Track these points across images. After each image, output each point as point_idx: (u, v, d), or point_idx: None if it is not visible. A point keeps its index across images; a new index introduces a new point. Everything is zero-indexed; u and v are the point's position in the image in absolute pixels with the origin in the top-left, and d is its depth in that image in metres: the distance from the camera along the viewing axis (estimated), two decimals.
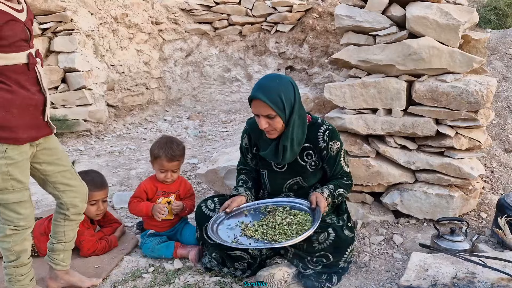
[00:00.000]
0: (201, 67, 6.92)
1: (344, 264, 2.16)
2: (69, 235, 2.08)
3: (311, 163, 2.25)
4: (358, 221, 2.71)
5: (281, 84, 2.07)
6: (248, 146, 2.37)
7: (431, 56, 2.47)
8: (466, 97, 2.44)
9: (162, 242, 2.46)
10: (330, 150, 2.20)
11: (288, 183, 2.30)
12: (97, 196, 2.39)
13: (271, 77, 2.15)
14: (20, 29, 1.73)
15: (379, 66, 2.64)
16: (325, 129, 2.21)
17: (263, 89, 2.04)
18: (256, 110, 2.07)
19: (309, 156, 2.24)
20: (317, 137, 2.20)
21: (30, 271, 1.96)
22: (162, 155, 2.41)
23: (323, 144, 2.19)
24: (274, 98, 2.02)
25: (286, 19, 6.59)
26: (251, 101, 2.09)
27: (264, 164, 2.33)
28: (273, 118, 2.06)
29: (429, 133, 2.57)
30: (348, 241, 2.14)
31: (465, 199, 2.65)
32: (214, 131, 5.59)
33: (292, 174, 2.28)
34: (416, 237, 2.53)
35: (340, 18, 2.71)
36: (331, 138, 2.20)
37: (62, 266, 2.10)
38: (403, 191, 2.69)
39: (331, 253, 2.09)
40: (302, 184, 2.29)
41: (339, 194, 2.24)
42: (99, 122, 5.15)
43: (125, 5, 5.83)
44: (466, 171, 2.55)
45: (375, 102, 2.64)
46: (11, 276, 1.91)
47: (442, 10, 2.48)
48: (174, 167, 2.46)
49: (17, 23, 1.72)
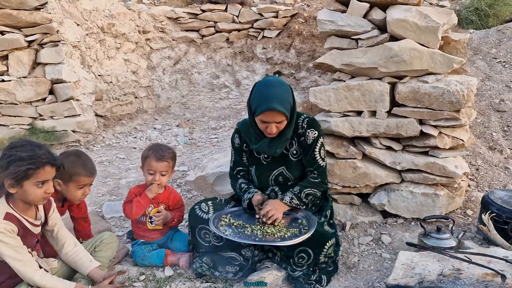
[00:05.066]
0: (190, 74, 6.94)
1: (324, 259, 2.16)
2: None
3: (293, 152, 2.32)
4: (347, 222, 2.74)
5: (287, 89, 2.19)
6: (240, 144, 2.42)
7: (412, 58, 2.52)
8: (447, 97, 2.50)
9: (153, 250, 2.46)
10: (307, 138, 2.28)
11: (273, 174, 2.35)
12: (87, 181, 2.28)
13: (276, 84, 2.19)
14: (32, 241, 1.96)
15: (362, 69, 2.68)
16: (305, 117, 2.32)
17: (278, 99, 2.11)
18: (270, 118, 2.13)
19: (290, 145, 2.32)
20: (297, 124, 2.29)
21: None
22: (151, 155, 2.42)
23: (301, 131, 2.29)
24: (286, 105, 2.14)
25: (273, 25, 6.64)
26: (261, 111, 2.11)
27: (253, 159, 2.40)
28: (281, 122, 2.15)
29: (413, 133, 2.61)
30: (328, 236, 2.16)
31: (450, 197, 2.69)
32: (204, 138, 5.61)
33: (277, 164, 2.34)
34: (404, 236, 2.57)
35: (323, 23, 2.76)
36: (309, 126, 2.29)
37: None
38: (390, 192, 2.72)
39: (310, 248, 2.11)
40: (286, 174, 2.34)
41: (307, 194, 2.28)
42: (88, 132, 5.13)
43: (111, 15, 5.84)
44: (450, 169, 2.59)
45: (360, 105, 2.69)
46: None
47: (421, 13, 2.54)
48: (162, 168, 2.43)
49: (31, 236, 1.95)
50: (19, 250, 1.84)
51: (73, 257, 2.10)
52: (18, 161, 1.79)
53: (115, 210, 3.17)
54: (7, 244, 1.81)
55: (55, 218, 2.10)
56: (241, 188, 2.40)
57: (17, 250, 1.83)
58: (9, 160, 1.79)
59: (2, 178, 1.80)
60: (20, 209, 1.90)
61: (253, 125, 2.26)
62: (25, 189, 1.83)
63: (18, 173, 1.79)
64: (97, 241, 2.26)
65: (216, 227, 2.14)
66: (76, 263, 2.11)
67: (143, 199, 2.42)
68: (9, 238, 1.81)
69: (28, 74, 4.87)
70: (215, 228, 2.12)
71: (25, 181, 1.82)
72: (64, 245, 2.11)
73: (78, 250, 2.12)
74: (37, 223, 1.97)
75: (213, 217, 2.22)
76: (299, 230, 2.14)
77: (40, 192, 1.86)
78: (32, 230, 1.94)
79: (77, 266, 2.11)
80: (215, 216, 2.24)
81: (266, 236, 2.10)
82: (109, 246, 2.27)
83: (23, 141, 1.91)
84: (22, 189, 1.83)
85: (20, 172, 1.79)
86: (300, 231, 2.13)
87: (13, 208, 1.87)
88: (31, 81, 4.83)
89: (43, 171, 1.84)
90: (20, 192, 1.84)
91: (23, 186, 1.82)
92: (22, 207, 1.91)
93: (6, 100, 4.85)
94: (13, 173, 1.78)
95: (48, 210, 2.06)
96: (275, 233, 2.10)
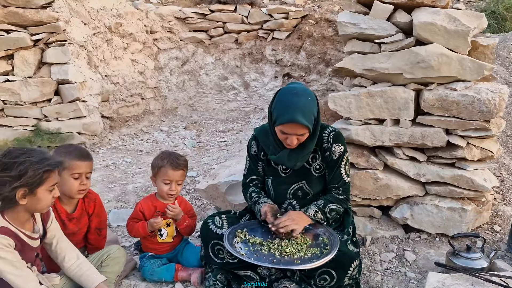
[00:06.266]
0: (197, 75, 6.82)
1: (349, 281, 2.03)
2: None
3: (316, 166, 2.18)
4: (367, 236, 2.59)
5: (312, 99, 2.01)
6: (257, 152, 2.28)
7: (440, 63, 2.37)
8: (477, 106, 2.34)
9: (162, 264, 2.32)
10: (332, 153, 2.13)
11: (292, 188, 2.20)
12: (82, 167, 2.06)
13: (301, 93, 2.00)
14: (31, 256, 1.83)
15: (385, 75, 2.53)
16: (330, 130, 2.16)
17: (302, 110, 1.94)
18: (292, 130, 1.97)
19: (313, 159, 2.17)
20: (322, 138, 2.14)
21: None
22: (166, 164, 2.29)
23: (327, 145, 2.14)
24: (310, 117, 1.97)
25: (283, 26, 6.50)
26: (282, 121, 1.96)
27: (270, 170, 2.25)
28: (303, 135, 2.00)
29: (440, 143, 2.46)
30: (352, 256, 2.01)
31: (478, 212, 2.54)
32: (212, 141, 5.47)
33: (297, 178, 2.19)
34: (429, 253, 2.41)
35: (344, 26, 2.61)
36: (335, 140, 2.14)
37: None
38: (414, 205, 2.57)
39: (333, 269, 1.96)
40: (306, 189, 2.19)
41: (331, 209, 2.14)
42: (93, 134, 5.01)
43: (119, 15, 5.71)
44: (479, 183, 2.44)
45: (382, 112, 2.54)
46: None
47: (451, 16, 2.38)
48: (179, 176, 2.32)
49: (30, 251, 1.81)
50: (18, 265, 1.70)
51: (76, 272, 1.96)
52: (34, 166, 1.67)
53: (122, 219, 3.02)
54: (5, 260, 1.66)
55: (54, 230, 1.95)
56: (251, 197, 2.26)
57: (16, 265, 1.69)
58: (22, 168, 1.65)
59: (13, 189, 1.65)
60: (17, 223, 1.75)
61: (273, 134, 2.11)
62: (38, 197, 1.71)
63: (35, 178, 1.67)
64: (103, 255, 2.12)
65: (231, 244, 1.99)
66: (80, 278, 1.96)
67: (143, 229, 2.29)
68: (5, 252, 1.67)
69: (33, 74, 4.76)
70: (230, 246, 1.96)
71: (39, 187, 1.70)
72: (65, 258, 1.97)
73: (81, 264, 1.98)
74: (35, 236, 1.83)
75: (227, 232, 2.07)
76: (320, 250, 1.99)
77: (50, 197, 1.76)
78: (30, 243, 1.80)
79: (81, 282, 1.96)
80: (230, 231, 2.09)
81: (284, 256, 1.94)
82: (116, 260, 2.13)
83: (19, 148, 1.76)
84: (35, 197, 1.71)
85: (37, 177, 1.68)
86: (322, 251, 1.98)
87: (9, 222, 1.73)
88: (37, 81, 4.71)
89: (54, 175, 1.75)
90: (30, 202, 1.71)
91: (36, 193, 1.70)
92: (20, 219, 1.76)
93: (11, 100, 4.74)
94: (31, 179, 1.66)
95: (46, 221, 1.92)
96: (294, 253, 1.94)
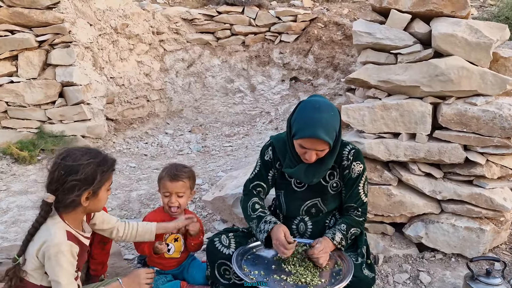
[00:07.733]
0: (203, 78, 6.72)
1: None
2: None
3: (333, 184, 2.08)
4: (380, 255, 2.49)
5: (335, 115, 1.91)
6: (272, 160, 2.16)
7: (461, 77, 2.26)
8: (499, 122, 2.24)
9: (167, 281, 2.24)
10: (352, 171, 2.04)
11: (306, 204, 2.10)
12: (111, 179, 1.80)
13: (324, 108, 1.89)
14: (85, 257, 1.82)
15: (401, 87, 2.43)
16: (350, 148, 2.06)
17: (324, 126, 1.83)
18: (311, 146, 1.86)
19: (331, 176, 2.07)
20: (342, 155, 2.04)
21: None
22: (165, 175, 2.24)
23: (346, 163, 2.04)
24: (332, 134, 1.86)
25: (291, 29, 6.40)
26: (303, 136, 1.85)
27: (283, 183, 2.14)
28: (323, 151, 1.90)
29: (457, 160, 2.36)
30: (368, 283, 1.91)
31: (496, 232, 2.44)
32: (218, 145, 5.38)
33: (312, 194, 2.09)
34: (445, 275, 2.31)
35: (359, 35, 2.51)
36: (355, 158, 2.04)
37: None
38: (429, 223, 2.47)
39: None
40: (320, 207, 2.09)
41: (352, 234, 2.05)
42: (98, 137, 4.94)
43: (125, 15, 5.63)
44: (498, 202, 2.34)
45: (397, 126, 2.44)
46: None
47: (472, 27, 2.28)
48: (178, 188, 2.22)
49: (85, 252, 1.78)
50: (72, 280, 1.62)
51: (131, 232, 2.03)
52: (100, 168, 1.63)
53: None
54: (67, 272, 1.59)
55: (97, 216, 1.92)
56: (254, 209, 2.09)
57: (71, 279, 1.61)
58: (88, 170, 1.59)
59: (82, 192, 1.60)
60: (75, 224, 1.70)
61: (290, 146, 2.01)
62: (99, 197, 1.68)
63: (103, 180, 1.64)
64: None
65: (239, 266, 1.89)
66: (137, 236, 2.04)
67: (148, 250, 2.20)
68: (68, 263, 1.59)
69: (37, 76, 4.68)
70: (239, 269, 1.87)
71: (101, 187, 1.66)
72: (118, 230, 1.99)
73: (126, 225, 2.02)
74: (88, 235, 1.79)
75: (235, 254, 1.97)
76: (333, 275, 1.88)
77: (107, 196, 1.74)
78: (86, 243, 1.76)
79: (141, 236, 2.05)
80: (238, 253, 1.98)
81: (297, 282, 1.84)
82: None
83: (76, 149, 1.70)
84: (97, 198, 1.66)
85: (105, 178, 1.65)
86: (335, 277, 1.87)
87: (69, 225, 1.67)
88: (41, 83, 4.64)
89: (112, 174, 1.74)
90: (92, 203, 1.66)
91: (98, 194, 1.66)
92: (78, 221, 1.72)
93: (15, 102, 4.67)
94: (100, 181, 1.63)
95: (88, 218, 1.87)
96: (308, 281, 1.84)
